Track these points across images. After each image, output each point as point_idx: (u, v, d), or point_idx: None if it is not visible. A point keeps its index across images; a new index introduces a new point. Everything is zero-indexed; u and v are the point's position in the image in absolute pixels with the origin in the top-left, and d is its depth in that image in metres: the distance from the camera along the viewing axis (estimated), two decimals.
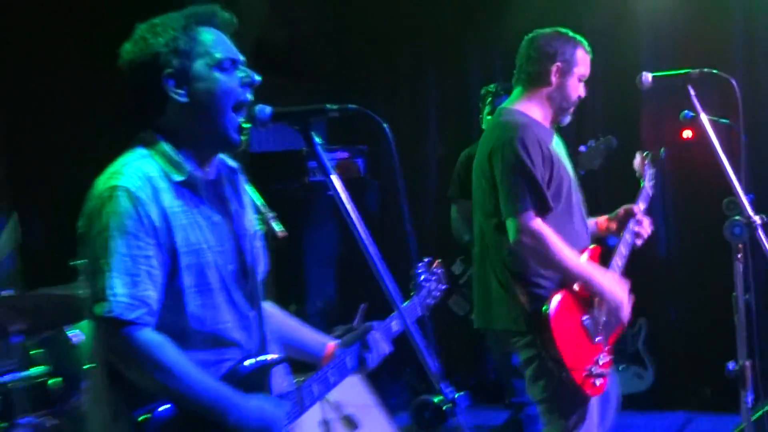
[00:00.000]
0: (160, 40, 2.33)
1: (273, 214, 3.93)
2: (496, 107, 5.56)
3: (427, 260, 3.14)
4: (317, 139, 2.29)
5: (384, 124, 2.26)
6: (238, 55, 2.40)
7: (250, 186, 2.67)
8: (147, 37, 2.35)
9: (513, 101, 3.88)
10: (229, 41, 2.41)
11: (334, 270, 6.72)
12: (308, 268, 6.49)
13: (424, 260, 3.12)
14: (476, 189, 3.86)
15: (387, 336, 2.77)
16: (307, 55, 6.91)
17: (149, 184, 2.28)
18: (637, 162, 4.25)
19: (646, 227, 4.02)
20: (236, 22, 2.45)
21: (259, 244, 2.56)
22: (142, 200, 2.25)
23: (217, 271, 2.35)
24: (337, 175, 2.26)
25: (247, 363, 2.39)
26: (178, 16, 2.38)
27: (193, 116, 2.34)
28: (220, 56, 2.34)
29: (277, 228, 3.94)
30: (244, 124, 2.36)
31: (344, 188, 2.25)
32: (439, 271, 3.16)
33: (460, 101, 7.12)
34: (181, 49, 2.32)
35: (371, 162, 6.69)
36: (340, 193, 2.23)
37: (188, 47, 2.33)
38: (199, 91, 2.32)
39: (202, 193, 2.37)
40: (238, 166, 2.55)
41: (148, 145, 2.36)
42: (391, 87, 7.37)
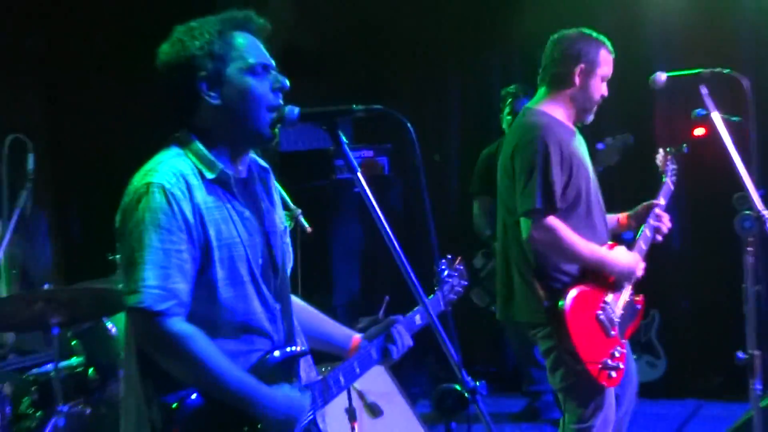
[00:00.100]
0: (196, 43, 2.36)
1: (300, 210, 4.06)
2: (515, 108, 5.70)
3: (450, 257, 3.17)
4: (344, 138, 2.31)
5: (408, 124, 2.29)
6: (270, 61, 2.43)
7: (279, 184, 2.71)
8: (184, 40, 2.38)
9: (537, 102, 3.91)
10: (262, 46, 2.44)
11: (359, 264, 6.73)
12: (334, 263, 6.50)
13: (446, 257, 3.16)
14: (500, 186, 3.91)
15: (410, 329, 2.81)
16: (335, 58, 6.96)
17: (183, 181, 2.31)
18: (660, 158, 4.26)
19: (666, 223, 4.04)
20: (269, 27, 2.48)
21: (288, 241, 2.60)
22: (176, 196, 2.28)
23: (248, 265, 2.39)
24: (363, 173, 2.30)
25: (276, 353, 2.43)
26: (214, 20, 2.41)
27: (226, 117, 2.38)
28: (253, 61, 2.38)
29: (305, 224, 4.07)
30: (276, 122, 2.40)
31: (369, 185, 2.27)
32: (461, 268, 3.19)
33: (481, 102, 7.17)
34: (216, 53, 2.36)
35: (395, 160, 6.73)
36: (366, 190, 2.26)
37: (223, 51, 2.37)
38: (232, 94, 2.37)
39: (234, 190, 2.40)
40: (270, 167, 2.59)
41: (183, 144, 2.40)
42: (415, 88, 7.42)
